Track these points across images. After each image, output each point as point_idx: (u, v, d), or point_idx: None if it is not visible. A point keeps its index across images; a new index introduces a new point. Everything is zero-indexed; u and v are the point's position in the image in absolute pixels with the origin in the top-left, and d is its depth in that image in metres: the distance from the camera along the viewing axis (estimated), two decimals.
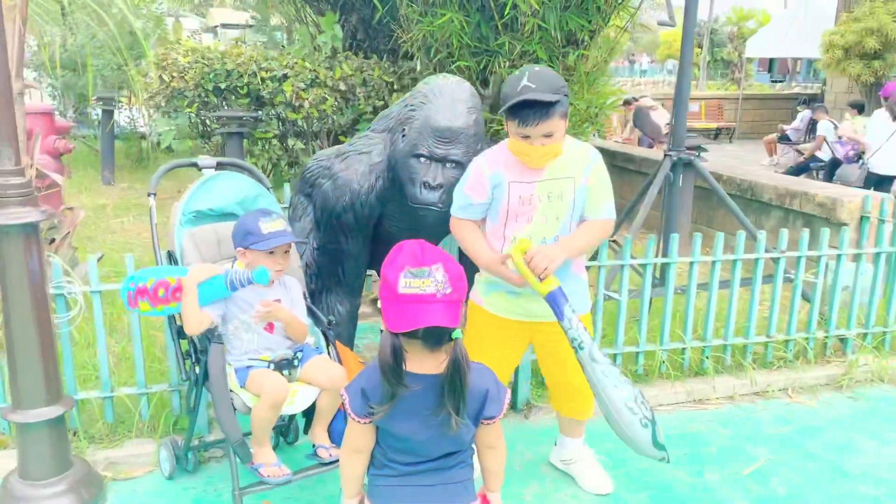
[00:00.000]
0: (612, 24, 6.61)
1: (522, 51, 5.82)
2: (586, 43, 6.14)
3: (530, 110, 2.38)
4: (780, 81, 32.29)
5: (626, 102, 11.74)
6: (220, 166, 3.00)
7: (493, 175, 2.56)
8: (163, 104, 6.25)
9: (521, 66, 6.02)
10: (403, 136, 2.91)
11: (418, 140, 2.82)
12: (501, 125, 6.20)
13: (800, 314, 4.01)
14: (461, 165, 2.81)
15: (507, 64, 5.91)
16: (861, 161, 8.71)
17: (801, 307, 3.99)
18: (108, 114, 8.02)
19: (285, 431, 3.16)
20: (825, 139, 10.41)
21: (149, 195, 2.88)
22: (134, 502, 2.79)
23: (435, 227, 3.00)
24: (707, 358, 3.80)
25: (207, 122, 6.43)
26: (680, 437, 3.35)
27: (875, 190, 6.62)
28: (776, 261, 3.80)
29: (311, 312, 2.84)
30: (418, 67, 6.26)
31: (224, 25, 33.95)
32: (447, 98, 2.86)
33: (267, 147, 6.46)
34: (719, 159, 9.99)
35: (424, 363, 1.73)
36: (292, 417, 3.11)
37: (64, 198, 5.33)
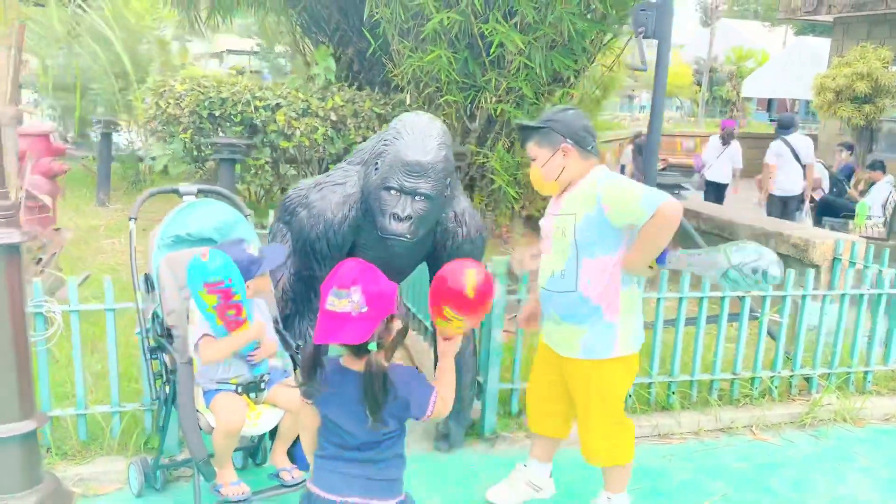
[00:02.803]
0: (598, 64, 6.79)
1: (508, 87, 6.01)
2: (572, 81, 6.32)
3: (519, 134, 2.87)
4: None
5: (636, 137, 11.94)
6: (200, 193, 3.12)
7: (548, 207, 2.90)
8: (159, 129, 6.41)
9: (508, 101, 6.24)
10: (376, 169, 3.02)
11: (389, 173, 2.93)
12: (488, 158, 6.36)
13: (768, 353, 4.10)
14: (430, 198, 2.93)
15: (494, 99, 6.09)
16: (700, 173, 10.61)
17: (770, 346, 4.09)
18: (107, 136, 8.18)
19: (254, 453, 3.23)
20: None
21: (129, 219, 2.99)
22: None
23: (404, 256, 3.10)
24: (673, 393, 3.88)
25: (202, 147, 6.58)
26: (642, 471, 3.42)
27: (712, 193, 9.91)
28: (742, 299, 3.90)
29: (281, 337, 2.94)
30: (408, 100, 6.44)
31: (230, 51, 34.28)
32: (418, 134, 2.97)
33: (259, 173, 6.60)
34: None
35: (353, 363, 2.00)
36: (261, 438, 3.18)
37: (56, 218, 5.46)
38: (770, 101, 34.97)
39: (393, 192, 2.94)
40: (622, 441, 2.80)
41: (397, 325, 2.02)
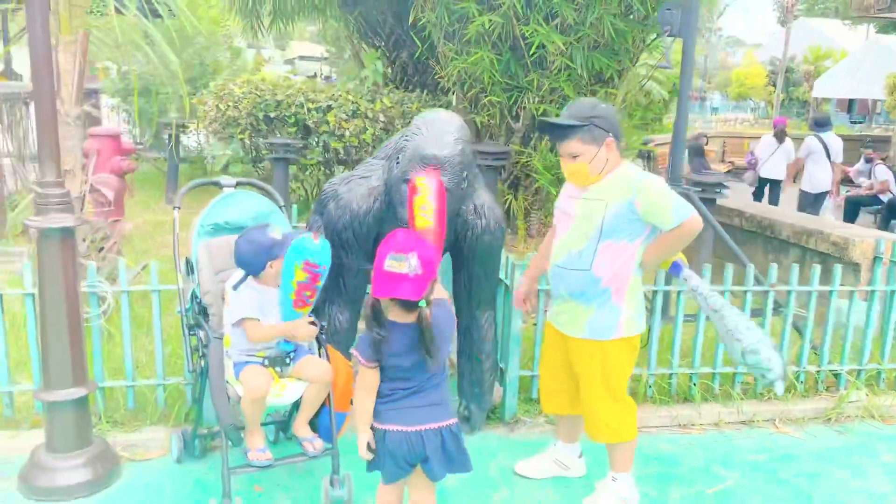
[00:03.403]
0: (644, 63, 6.81)
1: (551, 87, 6.13)
2: (615, 81, 6.39)
3: (550, 131, 2.84)
4: (861, 122, 31.35)
5: (696, 138, 11.84)
6: (239, 185, 3.39)
7: (562, 189, 3.06)
8: (219, 130, 6.79)
9: (551, 102, 6.35)
10: (397, 163, 3.22)
11: (408, 167, 3.13)
12: (531, 157, 6.49)
13: (794, 348, 4.12)
14: (447, 191, 3.10)
15: (537, 100, 6.23)
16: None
17: (796, 341, 4.10)
18: (175, 138, 8.66)
19: (284, 427, 3.48)
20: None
21: (174, 209, 3.28)
22: (145, 480, 3.15)
23: None
24: (695, 385, 3.95)
25: (258, 147, 6.93)
26: (654, 457, 3.52)
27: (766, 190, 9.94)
28: (766, 294, 3.93)
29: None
30: (454, 101, 6.63)
31: (301, 57, 35.25)
32: (436, 130, 3.16)
33: (312, 172, 6.91)
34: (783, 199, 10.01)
35: (402, 316, 2.33)
36: (291, 414, 3.42)
37: (123, 212, 5.88)
38: (851, 102, 33.65)
39: None
40: (625, 419, 2.94)
41: (439, 286, 2.39)
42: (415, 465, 2.44)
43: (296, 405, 3.11)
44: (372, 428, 2.43)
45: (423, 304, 2.28)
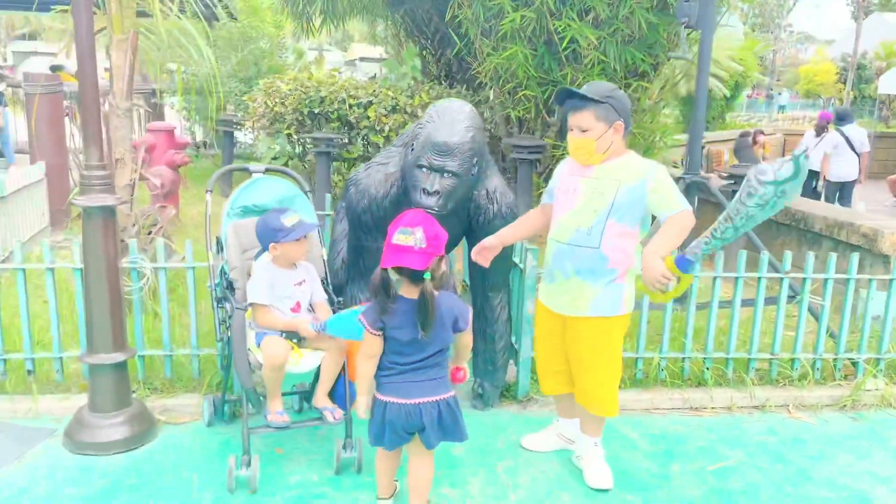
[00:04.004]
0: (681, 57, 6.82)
1: (585, 81, 6.22)
2: (650, 76, 6.45)
3: (566, 100, 2.96)
4: None
5: (744, 135, 11.73)
6: (267, 171, 3.64)
7: (559, 170, 3.18)
8: (267, 126, 7.12)
9: None
10: (412, 149, 3.42)
11: (421, 153, 3.32)
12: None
13: (811, 335, 4.15)
14: (456, 175, 3.29)
15: None
16: None
17: (812, 328, 4.13)
18: (229, 135, 9.08)
19: (308, 396, 3.71)
20: None
21: (206, 192, 3.55)
22: (179, 441, 3.43)
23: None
24: (708, 369, 4.02)
25: (304, 142, 7.23)
26: (662, 437, 3.62)
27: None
28: (781, 281, 3.98)
29: (327, 294, 3.40)
30: (491, 97, 6.80)
31: (362, 59, 35.94)
32: (448, 118, 3.35)
33: (354, 165, 7.16)
34: None
35: (410, 291, 2.53)
36: (314, 385, 3.65)
37: (178, 201, 6.25)
38: None
39: (424, 169, 3.33)
40: (615, 395, 3.09)
41: (446, 264, 2.55)
42: (413, 434, 2.63)
43: (317, 377, 3.34)
44: (374, 398, 2.64)
45: (428, 276, 2.46)
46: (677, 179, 4.70)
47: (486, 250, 3.23)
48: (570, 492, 3.11)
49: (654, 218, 2.99)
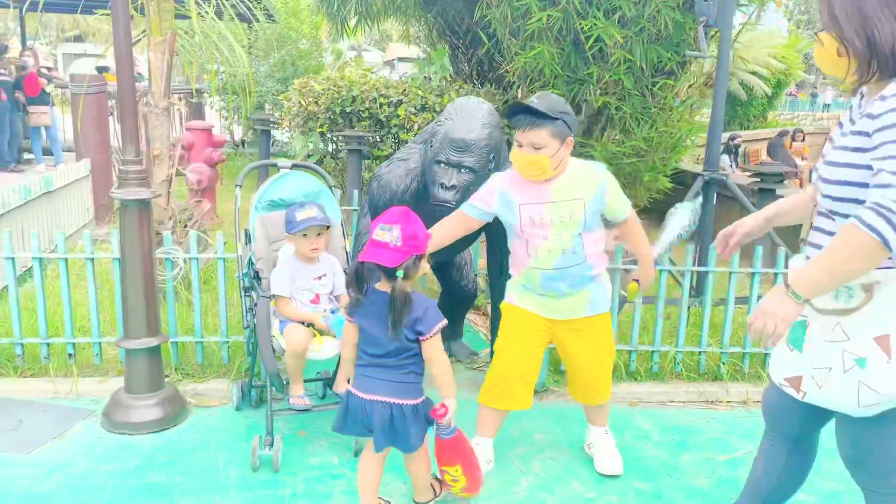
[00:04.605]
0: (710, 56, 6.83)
1: (611, 80, 6.29)
2: (676, 74, 6.48)
3: (522, 116, 2.87)
4: None
5: (794, 133, 11.66)
6: (294, 167, 3.80)
7: (501, 192, 3.01)
8: (301, 124, 7.32)
9: (612, 94, 6.52)
10: (431, 146, 3.55)
11: (439, 149, 3.45)
12: (593, 148, 6.67)
13: None
14: (473, 171, 3.41)
15: (598, 92, 6.40)
16: None
17: None
18: (266, 133, 9.32)
19: (331, 383, 3.86)
20: None
21: (236, 186, 3.73)
22: (208, 423, 3.60)
23: None
24: (724, 364, 4.07)
25: (336, 140, 7.41)
26: (675, 428, 3.69)
27: None
28: None
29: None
30: (519, 95, 6.89)
31: (400, 59, 36.29)
32: (466, 115, 3.47)
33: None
34: None
35: (385, 286, 2.55)
36: (336, 372, 3.80)
37: (214, 196, 6.47)
38: None
39: (442, 165, 3.45)
40: (611, 377, 3.30)
41: (425, 264, 2.60)
42: (371, 429, 2.62)
43: (339, 364, 3.49)
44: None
45: (400, 275, 2.47)
46: (696, 176, 4.76)
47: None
48: (580, 479, 3.21)
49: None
